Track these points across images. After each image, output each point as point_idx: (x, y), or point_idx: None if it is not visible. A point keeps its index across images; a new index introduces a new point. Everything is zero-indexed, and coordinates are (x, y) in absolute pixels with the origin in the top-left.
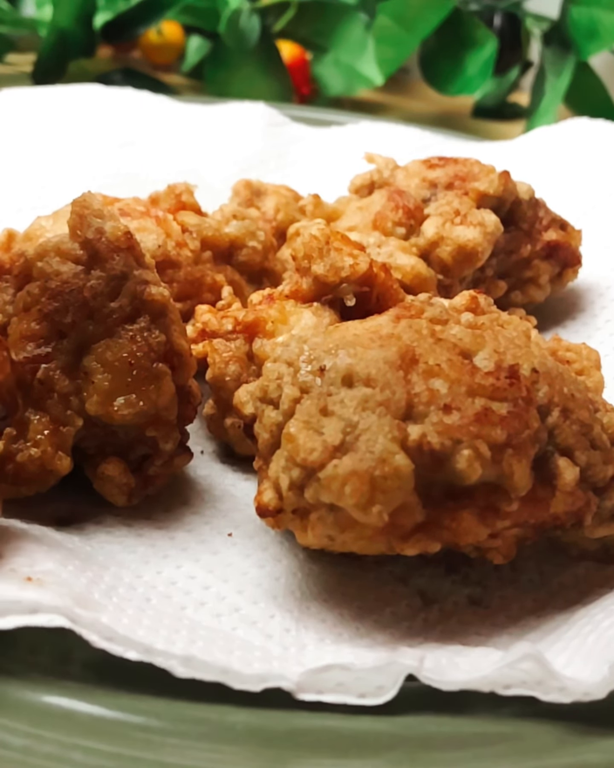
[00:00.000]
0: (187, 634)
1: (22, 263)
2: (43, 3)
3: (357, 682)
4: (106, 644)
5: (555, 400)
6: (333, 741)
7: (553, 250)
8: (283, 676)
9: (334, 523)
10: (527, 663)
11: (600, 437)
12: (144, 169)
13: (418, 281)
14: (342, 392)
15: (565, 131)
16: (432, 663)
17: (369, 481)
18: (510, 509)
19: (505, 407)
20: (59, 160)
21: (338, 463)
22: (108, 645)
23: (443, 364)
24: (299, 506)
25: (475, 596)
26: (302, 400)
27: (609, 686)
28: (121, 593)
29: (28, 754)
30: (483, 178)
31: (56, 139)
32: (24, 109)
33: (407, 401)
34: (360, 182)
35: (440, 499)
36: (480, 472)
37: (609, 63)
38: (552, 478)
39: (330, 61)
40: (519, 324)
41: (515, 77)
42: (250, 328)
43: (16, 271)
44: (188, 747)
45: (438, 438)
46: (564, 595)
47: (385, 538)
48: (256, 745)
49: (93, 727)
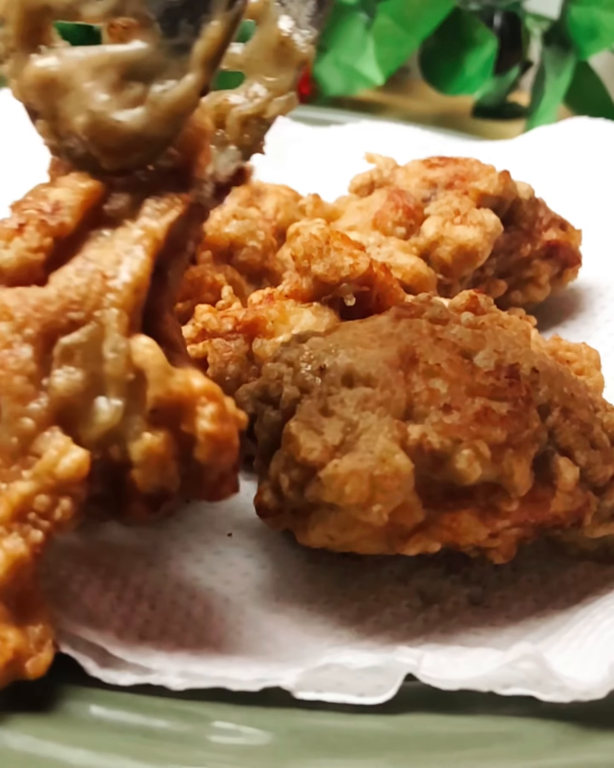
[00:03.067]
0: (191, 645)
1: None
2: None
3: (357, 681)
4: (100, 673)
5: (555, 400)
6: (332, 740)
7: (553, 249)
8: (281, 675)
9: (335, 522)
10: (526, 662)
11: (600, 437)
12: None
13: (418, 281)
14: (342, 392)
15: (565, 131)
16: (431, 662)
17: (369, 480)
18: (511, 509)
19: (505, 407)
20: None
21: (338, 463)
22: (101, 674)
23: (443, 363)
24: (299, 506)
25: (475, 596)
26: (302, 400)
27: (608, 686)
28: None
29: (28, 754)
30: (483, 177)
31: None
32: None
33: (407, 401)
34: (360, 182)
35: (440, 499)
36: (480, 472)
37: (609, 63)
38: (552, 477)
39: (330, 61)
40: (519, 324)
41: (515, 77)
42: (250, 328)
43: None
44: (188, 747)
45: (438, 438)
46: (564, 595)
47: (385, 537)
48: (256, 745)
49: (93, 727)
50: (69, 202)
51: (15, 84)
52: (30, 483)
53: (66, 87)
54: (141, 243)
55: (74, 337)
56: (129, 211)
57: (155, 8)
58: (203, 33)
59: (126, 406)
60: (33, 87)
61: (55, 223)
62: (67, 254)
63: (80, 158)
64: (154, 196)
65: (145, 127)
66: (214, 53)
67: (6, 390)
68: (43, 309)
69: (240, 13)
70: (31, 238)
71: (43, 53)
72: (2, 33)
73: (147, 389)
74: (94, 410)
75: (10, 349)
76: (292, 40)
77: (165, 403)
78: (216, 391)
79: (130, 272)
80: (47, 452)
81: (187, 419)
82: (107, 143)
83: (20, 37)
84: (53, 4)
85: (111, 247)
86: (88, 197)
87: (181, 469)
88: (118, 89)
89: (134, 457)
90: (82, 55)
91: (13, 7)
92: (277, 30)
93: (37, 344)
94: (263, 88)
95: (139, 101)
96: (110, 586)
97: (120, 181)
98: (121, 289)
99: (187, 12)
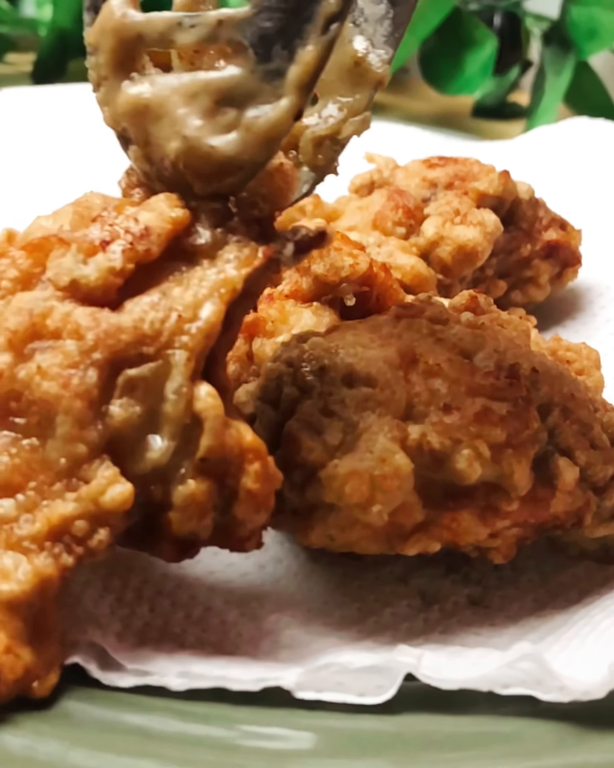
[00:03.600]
0: (191, 646)
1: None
2: (43, 3)
3: (357, 681)
4: (101, 675)
5: (555, 400)
6: (332, 740)
7: (553, 249)
8: (282, 675)
9: (335, 522)
10: (526, 662)
11: (600, 437)
12: None
13: (418, 281)
14: (342, 392)
15: (565, 131)
16: (431, 662)
17: (369, 480)
18: (510, 509)
19: (505, 407)
20: (59, 160)
21: (338, 463)
22: (102, 676)
23: (443, 363)
24: (299, 506)
25: (475, 596)
26: (302, 400)
27: (608, 686)
28: (128, 600)
29: (28, 754)
30: (483, 177)
31: (56, 139)
32: (24, 108)
33: (407, 401)
34: (360, 182)
35: (440, 498)
36: (479, 472)
37: (609, 63)
38: (553, 478)
39: None
40: (519, 324)
41: (515, 77)
42: (250, 327)
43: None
44: (187, 747)
45: (438, 438)
46: (564, 595)
47: (385, 537)
48: (256, 745)
49: (93, 727)
50: (158, 229)
51: (107, 111)
52: (73, 505)
53: (159, 113)
54: (219, 290)
55: (140, 371)
56: (209, 250)
57: (249, 35)
58: (297, 58)
59: (176, 449)
60: (126, 114)
61: (142, 249)
62: (144, 282)
63: (172, 184)
64: (237, 242)
65: (239, 152)
66: (308, 78)
67: (65, 410)
68: (116, 336)
69: (334, 38)
70: (116, 260)
71: (135, 80)
72: (94, 62)
73: (201, 437)
74: (145, 446)
75: (76, 369)
76: (367, 60)
77: (215, 454)
78: (262, 449)
79: (205, 318)
80: (95, 480)
81: (232, 473)
82: (201, 168)
83: (113, 66)
84: (146, 33)
85: (189, 286)
86: (176, 227)
87: (215, 519)
88: (211, 115)
89: (175, 500)
90: (176, 82)
91: (106, 35)
92: (351, 50)
93: (103, 370)
94: (337, 108)
95: (233, 126)
96: (110, 588)
97: (206, 215)
98: (194, 333)
99: (281, 37)
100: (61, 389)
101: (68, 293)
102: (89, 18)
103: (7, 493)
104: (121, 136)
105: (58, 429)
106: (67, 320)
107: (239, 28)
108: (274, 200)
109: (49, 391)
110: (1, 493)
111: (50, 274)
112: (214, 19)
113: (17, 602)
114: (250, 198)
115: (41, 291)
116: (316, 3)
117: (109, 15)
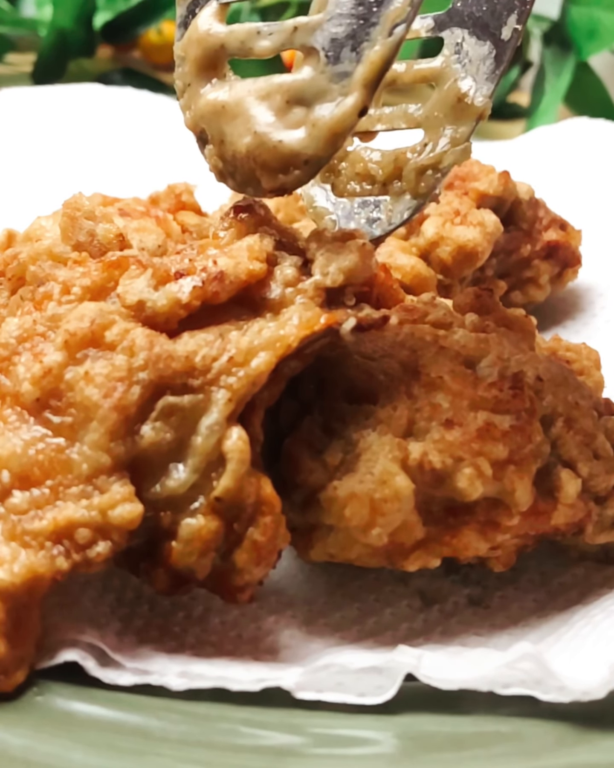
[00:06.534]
0: (191, 646)
1: (15, 267)
2: (43, 3)
3: (357, 681)
4: (100, 672)
5: (558, 410)
6: (332, 740)
7: (553, 250)
8: (282, 675)
9: (334, 542)
10: (526, 662)
11: (604, 446)
12: (144, 169)
13: (418, 281)
14: (342, 408)
15: (565, 131)
16: (431, 662)
17: (369, 503)
18: (511, 523)
19: (508, 421)
20: (59, 160)
21: (338, 485)
22: (101, 673)
23: (445, 376)
24: (299, 524)
25: (475, 596)
26: (302, 415)
27: (608, 686)
28: (128, 599)
29: (28, 754)
30: (483, 178)
31: (56, 139)
32: (24, 109)
33: (408, 417)
34: None
35: (440, 515)
36: (481, 491)
37: (609, 63)
38: (554, 490)
39: None
40: (525, 323)
41: (515, 77)
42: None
43: (9, 274)
44: (187, 747)
45: (439, 456)
46: (564, 596)
47: (385, 555)
48: (256, 745)
49: (93, 727)
50: (232, 277)
51: (188, 114)
52: (82, 512)
53: (234, 113)
54: (274, 344)
55: (180, 400)
56: (276, 306)
57: (321, 39)
58: (364, 58)
59: (196, 482)
60: (205, 115)
61: (211, 291)
62: (205, 319)
63: (242, 181)
64: (303, 304)
65: (304, 147)
66: (374, 76)
67: (101, 419)
68: (166, 362)
69: (401, 39)
70: (184, 294)
71: (215, 86)
72: (180, 71)
73: (222, 476)
74: (166, 472)
75: (121, 383)
76: (469, 96)
77: (232, 497)
78: (278, 505)
79: (255, 366)
80: (109, 493)
81: (243, 520)
82: (268, 161)
83: (196, 73)
84: (228, 42)
85: (247, 333)
86: (250, 280)
87: (214, 562)
88: (282, 113)
89: (182, 532)
90: (251, 84)
91: (192, 46)
92: (456, 88)
93: (146, 390)
94: (439, 140)
95: (301, 123)
96: (110, 587)
97: (281, 271)
98: (241, 376)
99: (351, 41)
100: (101, 398)
101: (133, 312)
102: (179, 33)
103: (24, 485)
104: (199, 138)
105: (88, 435)
106: (125, 336)
107: (312, 33)
108: (351, 275)
109: (91, 397)
110: (18, 484)
111: (120, 290)
112: (291, 26)
113: (6, 593)
114: (328, 271)
115: (108, 304)
116: (384, 8)
117: (196, 28)
